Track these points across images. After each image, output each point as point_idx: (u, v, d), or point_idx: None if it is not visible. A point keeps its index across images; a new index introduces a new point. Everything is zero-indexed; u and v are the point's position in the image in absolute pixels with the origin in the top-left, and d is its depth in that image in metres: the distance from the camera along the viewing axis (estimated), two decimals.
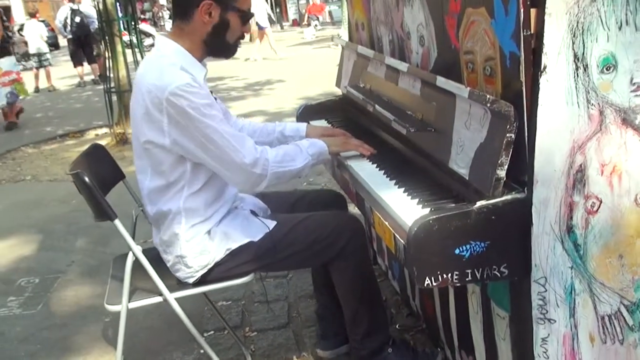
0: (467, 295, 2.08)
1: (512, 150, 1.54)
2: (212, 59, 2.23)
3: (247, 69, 12.39)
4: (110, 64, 7.24)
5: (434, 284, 1.59)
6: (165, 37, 2.15)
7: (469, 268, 1.58)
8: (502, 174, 1.55)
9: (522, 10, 1.44)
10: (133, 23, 7.44)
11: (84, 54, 13.06)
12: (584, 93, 1.49)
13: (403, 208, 1.80)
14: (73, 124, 8.87)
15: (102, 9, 7.14)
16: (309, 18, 22.65)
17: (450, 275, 1.58)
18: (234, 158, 2.06)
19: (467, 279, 1.59)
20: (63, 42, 14.47)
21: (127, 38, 7.69)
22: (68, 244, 4.34)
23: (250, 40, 15.96)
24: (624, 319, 1.67)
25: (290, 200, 2.50)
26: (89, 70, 13.31)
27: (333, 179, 2.63)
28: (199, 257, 2.18)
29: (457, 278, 1.59)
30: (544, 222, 1.55)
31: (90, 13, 12.26)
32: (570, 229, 1.57)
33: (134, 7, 7.85)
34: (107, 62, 7.37)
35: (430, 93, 1.99)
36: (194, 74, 2.05)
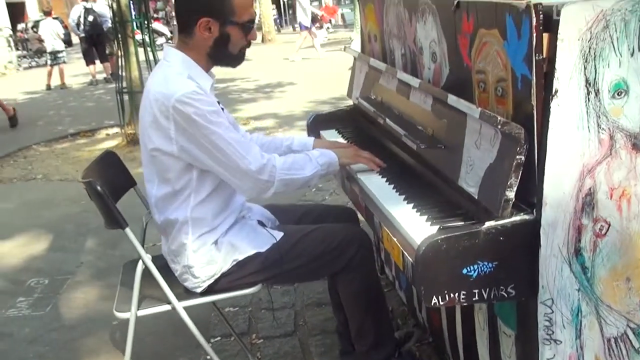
0: (473, 311, 2.09)
1: (521, 172, 1.55)
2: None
3: (258, 71, 12.40)
4: (123, 64, 7.27)
5: (441, 303, 1.60)
6: (173, 47, 2.18)
7: (476, 288, 1.59)
8: (511, 195, 1.56)
9: (534, 35, 1.45)
10: (146, 22, 7.47)
11: (97, 53, 13.13)
12: (595, 118, 1.50)
13: (412, 225, 1.81)
14: (84, 123, 8.91)
15: (116, 9, 7.17)
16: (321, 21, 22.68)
17: (458, 295, 1.59)
18: (240, 164, 2.08)
19: (474, 299, 1.60)
20: (76, 39, 14.55)
21: (139, 37, 7.71)
22: (77, 245, 4.37)
23: (263, 42, 15.87)
24: (630, 342, 1.67)
25: (298, 213, 2.51)
26: (101, 69, 13.37)
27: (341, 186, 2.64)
28: (206, 267, 2.20)
29: (464, 298, 1.60)
30: (552, 244, 1.56)
31: (104, 12, 12.33)
32: (578, 252, 1.58)
33: (147, 6, 7.88)
34: (119, 60, 7.39)
35: (442, 110, 2.00)
36: (201, 83, 2.09)
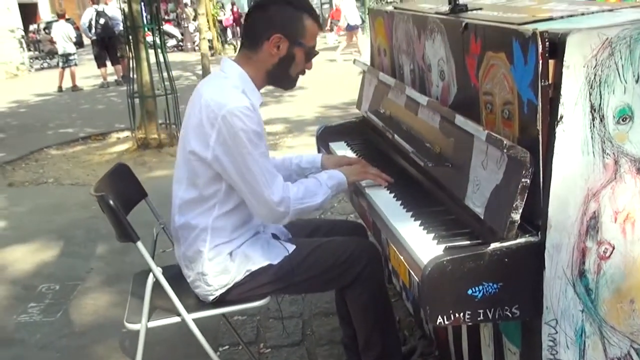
0: (479, 327, 2.11)
1: (527, 194, 1.57)
2: None
3: None
4: (134, 66, 7.32)
5: (446, 323, 1.62)
6: (232, 60, 2.23)
7: (481, 308, 1.62)
8: (516, 217, 1.59)
9: (540, 62, 1.48)
10: (157, 24, 7.52)
11: (108, 55, 13.24)
12: (600, 143, 1.52)
13: (418, 243, 1.84)
14: (95, 126, 8.97)
15: (127, 14, 7.22)
16: (332, 23, 22.71)
17: (463, 315, 1.62)
18: (264, 192, 2.11)
19: (479, 319, 1.63)
20: (87, 40, 14.66)
21: (150, 39, 7.76)
22: (87, 251, 4.42)
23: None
24: None
25: (310, 227, 2.54)
26: (112, 71, 13.46)
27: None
28: (220, 276, 2.23)
29: (469, 317, 1.62)
30: (557, 266, 1.58)
31: (115, 15, 12.42)
32: (582, 274, 1.60)
33: (159, 8, 7.93)
34: (130, 62, 7.43)
35: (449, 128, 2.02)
36: (252, 100, 2.13)
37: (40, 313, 3.54)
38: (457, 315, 1.62)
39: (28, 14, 22.11)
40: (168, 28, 21.02)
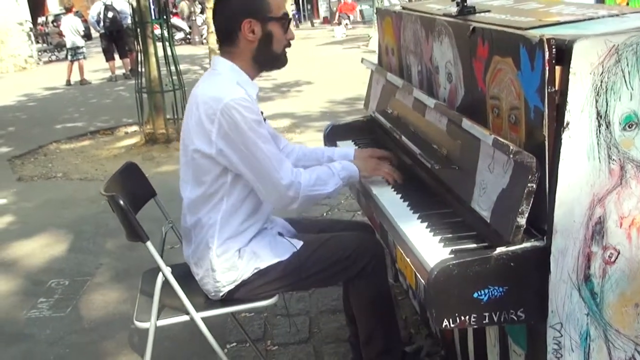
0: (485, 328, 2.12)
1: (533, 199, 1.59)
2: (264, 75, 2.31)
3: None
4: (142, 60, 7.33)
5: (452, 325, 1.64)
6: (221, 57, 2.25)
7: (487, 311, 1.63)
8: (522, 222, 1.60)
9: (547, 68, 1.49)
10: (165, 17, 7.53)
11: (116, 49, 13.28)
12: (606, 149, 1.53)
13: (425, 246, 1.85)
14: (104, 120, 9.02)
15: (135, 8, 7.23)
16: (340, 16, 22.69)
17: (468, 318, 1.64)
18: (272, 177, 2.14)
19: (484, 322, 1.65)
20: (95, 33, 14.67)
21: (158, 32, 7.75)
22: (97, 246, 4.45)
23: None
24: None
25: (317, 228, 2.56)
26: (121, 65, 13.49)
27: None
28: (228, 272, 2.26)
29: (474, 320, 1.64)
30: (562, 270, 1.60)
31: (123, 9, 12.44)
32: (588, 278, 1.61)
33: (167, 1, 7.92)
34: (138, 55, 7.46)
35: (456, 131, 2.03)
36: (248, 91, 2.17)
37: (50, 308, 3.58)
38: (462, 318, 1.63)
39: (36, 7, 22.15)
40: (176, 21, 21.03)
